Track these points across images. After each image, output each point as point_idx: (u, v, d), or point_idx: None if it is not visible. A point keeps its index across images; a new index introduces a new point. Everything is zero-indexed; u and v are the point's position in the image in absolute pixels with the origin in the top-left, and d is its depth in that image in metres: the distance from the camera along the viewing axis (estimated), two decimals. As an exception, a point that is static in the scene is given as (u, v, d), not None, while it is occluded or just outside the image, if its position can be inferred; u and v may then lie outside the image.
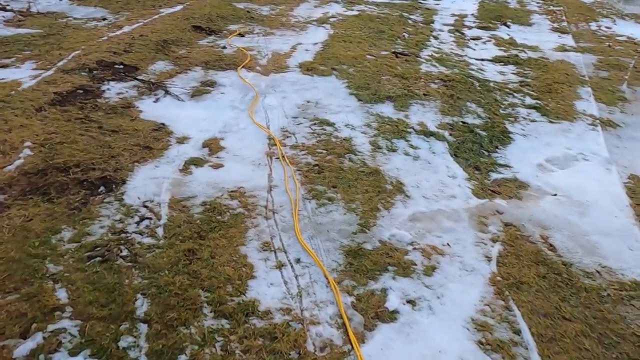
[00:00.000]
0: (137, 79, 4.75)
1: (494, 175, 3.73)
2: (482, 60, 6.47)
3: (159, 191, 3.10)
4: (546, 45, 7.29)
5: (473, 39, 7.47)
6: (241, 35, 6.65)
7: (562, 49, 7.20)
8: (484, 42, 7.34)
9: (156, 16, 6.99)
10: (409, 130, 4.29)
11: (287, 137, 4.05)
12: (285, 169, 3.51)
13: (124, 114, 4.05)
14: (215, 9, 7.56)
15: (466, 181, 3.59)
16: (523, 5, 9.89)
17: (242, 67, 5.43)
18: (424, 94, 5.03)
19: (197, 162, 3.54)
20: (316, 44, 6.49)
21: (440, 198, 3.33)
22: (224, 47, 6.02)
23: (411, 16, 8.53)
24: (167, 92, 4.60)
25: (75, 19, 6.68)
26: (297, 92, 4.94)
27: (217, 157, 3.64)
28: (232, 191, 3.18)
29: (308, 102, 4.71)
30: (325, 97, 4.84)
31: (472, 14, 9.02)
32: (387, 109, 4.66)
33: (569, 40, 7.68)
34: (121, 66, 4.96)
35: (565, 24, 8.72)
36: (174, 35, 6.15)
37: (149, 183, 3.17)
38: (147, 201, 2.97)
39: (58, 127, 3.63)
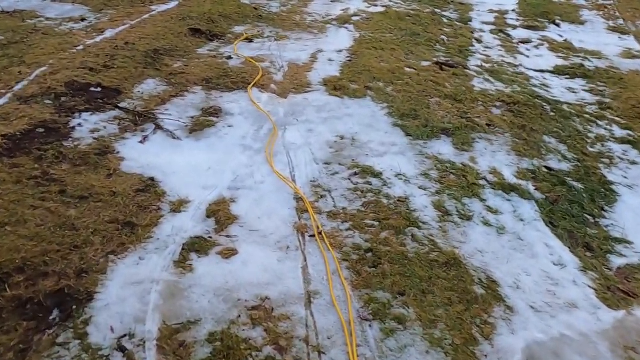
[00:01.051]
0: (119, 108, 3.71)
1: (614, 260, 2.72)
2: (542, 71, 5.42)
3: (143, 312, 2.08)
4: (609, 50, 6.22)
5: (522, 42, 6.40)
6: (249, 40, 5.58)
7: (630, 55, 6.13)
8: (536, 47, 6.27)
9: (146, 16, 5.91)
10: (480, 182, 3.27)
11: (321, 196, 3.02)
12: (326, 258, 2.50)
13: (99, 166, 3.01)
14: (217, 6, 6.47)
15: (581, 272, 2.58)
16: (568, -1, 8.80)
17: (253, 85, 4.39)
18: (487, 125, 4.00)
19: (199, 246, 2.52)
20: (340, 51, 5.42)
21: (556, 309, 2.32)
22: (229, 58, 4.96)
23: (444, 13, 7.44)
24: (158, 127, 3.57)
25: (47, 19, 5.60)
26: (325, 122, 3.90)
27: (228, 237, 2.61)
28: (252, 307, 2.16)
29: (341, 137, 3.68)
30: (363, 129, 3.81)
31: (513, 10, 7.93)
32: (445, 148, 3.63)
33: (632, 43, 6.61)
34: (99, 89, 3.90)
35: (621, 21, 7.65)
36: (167, 41, 5.08)
37: (128, 296, 2.15)
38: (124, 336, 1.96)
39: (0, 194, 2.60)
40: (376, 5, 7.46)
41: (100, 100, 3.75)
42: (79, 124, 3.41)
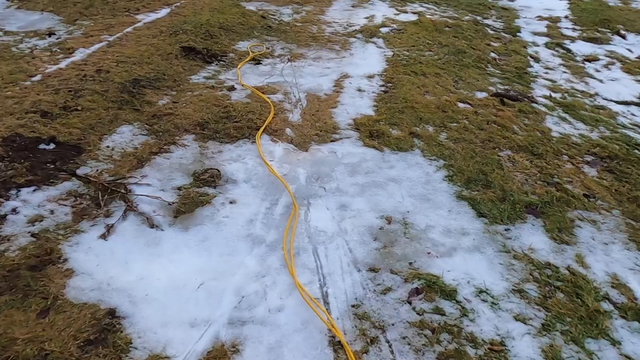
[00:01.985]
0: (77, 177, 2.69)
1: None
2: (627, 103, 4.37)
3: None
4: (696, 71, 5.17)
5: (588, 61, 5.34)
6: (256, 61, 4.55)
7: None
8: (606, 67, 5.21)
9: (129, 29, 4.88)
10: (603, 304, 2.25)
11: (371, 340, 2.01)
12: None
13: (30, 293, 2.00)
14: (217, 15, 5.43)
15: None
16: (626, 3, 7.70)
17: (263, 131, 3.37)
18: (585, 196, 2.96)
19: None
20: (371, 77, 4.38)
21: None
22: (232, 89, 3.93)
23: (487, 21, 6.37)
24: (129, 208, 2.55)
25: (5, 33, 4.58)
26: (363, 191, 2.88)
27: None
28: None
29: (389, 220, 2.66)
30: (417, 204, 2.79)
31: (566, 17, 6.85)
32: (537, 239, 2.60)
33: None
34: (51, 146, 2.89)
35: (696, 31, 6.56)
36: (152, 67, 4.05)
37: None
38: None
39: None
40: (406, 12, 6.40)
41: (51, 165, 2.72)
42: (14, 210, 2.40)
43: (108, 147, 2.99)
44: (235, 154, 3.12)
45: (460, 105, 3.92)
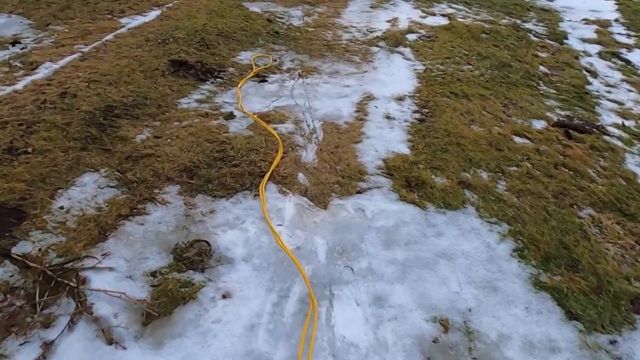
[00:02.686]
0: (11, 259, 1.97)
1: None
2: None
3: None
4: None
5: (654, 75, 4.57)
6: (262, 79, 3.80)
7: None
8: (677, 83, 4.44)
9: (109, 36, 4.14)
10: None
11: None
12: None
13: None
14: (215, 18, 4.69)
15: None
16: (681, 3, 6.89)
17: (269, 178, 2.64)
18: None
19: None
20: (401, 99, 3.63)
21: None
22: (230, 116, 3.20)
23: (526, 25, 5.59)
24: (80, 311, 1.83)
25: (-40, 43, 3.87)
26: (404, 275, 2.13)
27: None
28: None
29: (442, 326, 1.92)
30: (481, 299, 2.04)
31: (616, 20, 6.06)
32: (658, 358, 1.87)
33: None
34: (-19, 211, 2.17)
35: None
36: (131, 88, 3.31)
37: None
38: None
39: None
40: (434, 14, 5.63)
41: (-23, 242, 2.01)
42: None
43: (62, 208, 2.27)
44: (233, 215, 2.38)
45: (517, 139, 3.17)
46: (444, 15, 5.53)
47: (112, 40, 4.04)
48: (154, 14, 4.71)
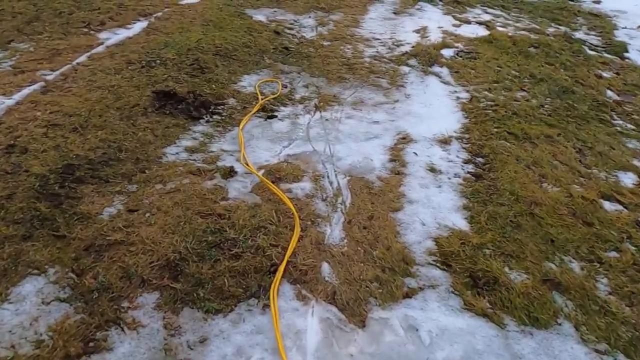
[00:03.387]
0: None
1: None
2: None
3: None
4: None
5: None
6: (269, 114, 3.09)
7: None
8: None
9: (82, 57, 3.43)
10: None
11: None
12: None
13: None
14: (212, 32, 3.97)
15: None
16: None
17: (283, 274, 1.95)
18: None
19: None
20: (447, 141, 2.91)
21: None
22: (229, 174, 2.49)
23: (577, 34, 4.85)
24: None
25: None
26: None
27: None
28: None
29: None
30: None
31: (679, 27, 5.30)
32: None
33: None
34: None
35: None
36: (103, 133, 2.59)
37: None
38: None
39: None
40: (468, 22, 4.89)
41: None
42: None
43: (-20, 348, 1.58)
44: (233, 346, 1.68)
45: (606, 205, 2.46)
46: (480, 24, 4.80)
47: (85, 63, 3.34)
48: (139, 26, 4.00)
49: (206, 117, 2.95)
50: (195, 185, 2.37)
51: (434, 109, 3.29)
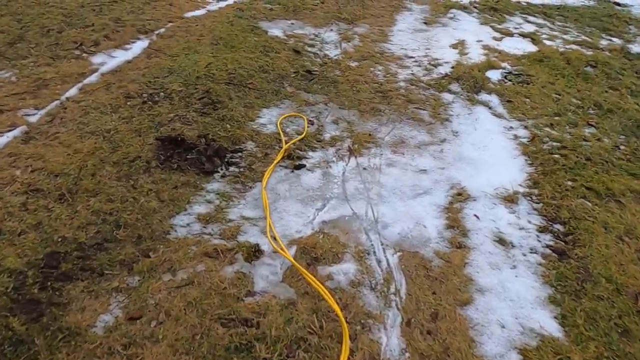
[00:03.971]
0: None
1: None
2: None
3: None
4: None
5: None
6: (295, 162, 2.62)
7: None
8: None
9: (72, 89, 2.95)
10: None
11: None
12: None
13: None
14: (223, 53, 3.48)
15: None
16: None
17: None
18: None
19: None
20: (513, 199, 2.42)
21: None
22: (255, 254, 2.03)
23: (633, 46, 4.35)
24: None
25: None
26: None
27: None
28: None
29: None
30: None
31: None
32: None
33: None
34: None
35: None
36: (95, 203, 2.09)
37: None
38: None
39: None
40: (510, 34, 4.39)
41: None
42: None
43: None
44: None
45: None
46: (524, 36, 4.30)
47: (75, 98, 2.86)
48: (139, 46, 3.51)
49: (221, 169, 2.49)
50: (213, 273, 1.91)
51: (489, 152, 2.81)
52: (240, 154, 2.62)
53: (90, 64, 3.27)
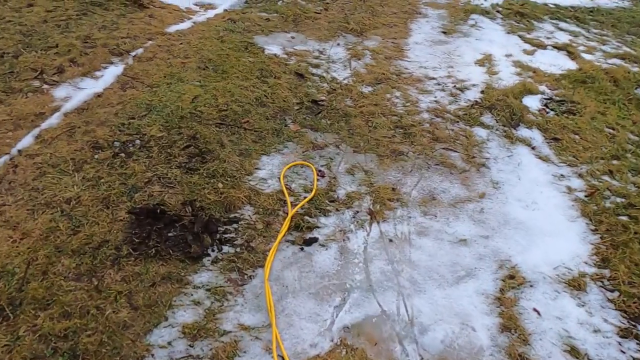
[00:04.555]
0: None
1: None
2: None
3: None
4: None
5: None
6: (305, 237, 2.15)
7: None
8: None
9: (27, 138, 2.43)
10: None
11: None
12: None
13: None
14: (213, 80, 2.97)
15: None
16: None
17: None
18: None
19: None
20: (579, 286, 1.96)
21: None
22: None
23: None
24: None
25: None
26: None
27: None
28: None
29: None
30: None
31: None
32: None
33: None
34: None
35: None
36: (45, 318, 1.62)
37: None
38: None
39: None
40: (543, 46, 3.89)
41: None
42: None
43: None
44: None
45: None
46: (559, 49, 3.79)
47: (30, 151, 2.35)
48: (111, 73, 2.98)
49: (212, 250, 2.00)
50: None
51: (540, 212, 2.33)
52: (235, 225, 2.13)
53: (52, 99, 2.75)
